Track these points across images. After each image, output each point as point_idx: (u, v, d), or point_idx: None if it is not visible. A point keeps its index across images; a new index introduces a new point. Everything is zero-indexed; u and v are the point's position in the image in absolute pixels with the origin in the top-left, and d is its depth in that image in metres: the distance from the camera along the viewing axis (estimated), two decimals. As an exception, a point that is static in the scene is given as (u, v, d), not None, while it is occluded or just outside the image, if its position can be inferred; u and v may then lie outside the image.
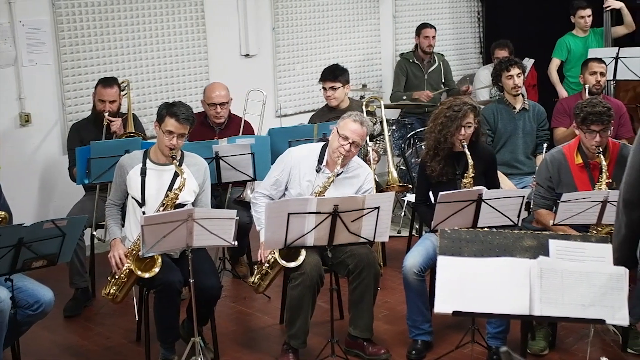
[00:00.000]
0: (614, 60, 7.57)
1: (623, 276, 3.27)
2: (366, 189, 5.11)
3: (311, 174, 5.06)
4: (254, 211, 5.16)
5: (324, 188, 4.91)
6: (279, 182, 5.11)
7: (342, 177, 5.03)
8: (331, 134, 5.06)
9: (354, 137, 4.93)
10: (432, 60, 8.30)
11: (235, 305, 5.94)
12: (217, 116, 6.28)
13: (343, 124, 4.98)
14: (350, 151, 4.95)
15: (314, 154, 5.11)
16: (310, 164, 5.08)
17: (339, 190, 4.99)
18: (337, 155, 4.93)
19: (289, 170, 5.09)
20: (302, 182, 5.05)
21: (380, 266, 5.09)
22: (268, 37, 8.01)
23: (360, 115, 5.07)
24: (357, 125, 4.95)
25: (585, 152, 5.00)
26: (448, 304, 3.31)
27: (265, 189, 5.16)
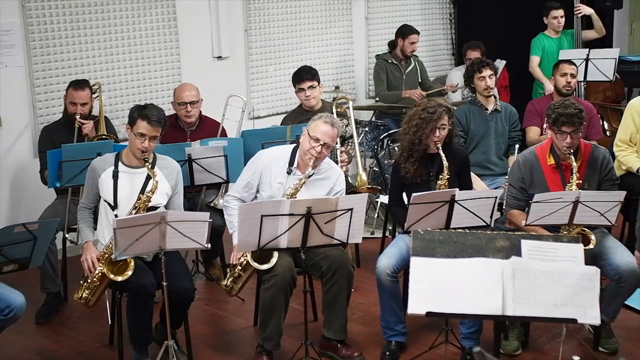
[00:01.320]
0: (585, 61, 7.64)
1: (594, 275, 3.30)
2: (337, 190, 5.11)
3: (282, 176, 5.06)
4: (226, 214, 5.15)
5: (296, 190, 4.91)
6: (250, 184, 5.10)
7: (313, 179, 5.03)
8: (302, 136, 5.06)
9: (325, 139, 4.93)
10: (409, 61, 8.33)
11: (208, 308, 5.92)
12: (187, 115, 6.26)
13: (314, 126, 4.98)
14: (321, 152, 4.95)
15: (284, 156, 5.11)
16: (281, 166, 5.08)
17: (311, 192, 4.99)
18: (309, 157, 4.92)
19: (260, 173, 5.08)
20: (274, 184, 5.05)
21: (354, 267, 5.09)
22: (240, 39, 8.00)
23: (331, 117, 5.07)
24: (328, 127, 4.95)
25: (557, 153, 5.03)
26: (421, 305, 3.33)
27: (236, 191, 5.15)
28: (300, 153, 5.05)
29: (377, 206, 7.38)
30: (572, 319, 3.30)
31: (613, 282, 4.80)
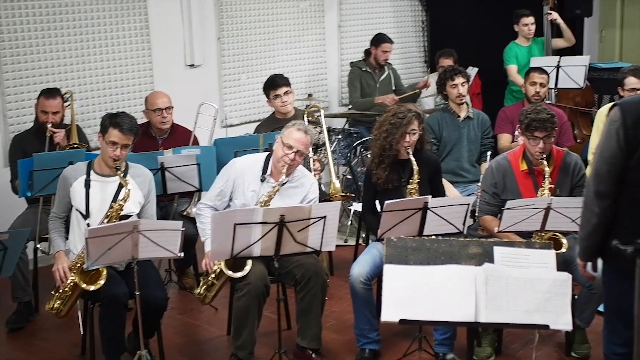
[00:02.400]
0: (556, 68, 7.69)
1: (566, 282, 3.31)
2: (311, 198, 5.11)
3: (255, 184, 5.05)
4: (199, 222, 5.13)
5: (269, 197, 4.90)
6: (223, 192, 5.08)
7: (287, 187, 5.02)
8: (275, 144, 5.05)
9: (299, 146, 4.93)
10: (383, 70, 8.36)
11: (182, 317, 5.90)
12: (163, 121, 6.24)
13: (287, 133, 4.98)
14: (294, 160, 4.94)
15: (258, 164, 5.10)
16: (254, 174, 5.06)
17: (284, 200, 4.98)
18: (282, 165, 4.92)
19: (233, 181, 5.07)
20: (247, 193, 5.04)
21: (327, 275, 5.09)
22: (213, 47, 7.98)
23: (304, 124, 5.08)
24: (302, 134, 4.95)
25: (529, 158, 5.06)
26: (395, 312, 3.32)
27: (209, 199, 5.13)
28: (273, 161, 5.05)
29: (351, 214, 7.39)
30: (545, 325, 3.31)
31: (584, 288, 4.83)
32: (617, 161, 3.51)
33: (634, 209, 3.52)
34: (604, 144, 3.58)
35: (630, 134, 3.46)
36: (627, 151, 3.48)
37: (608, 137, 3.56)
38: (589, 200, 3.64)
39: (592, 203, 3.60)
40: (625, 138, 3.48)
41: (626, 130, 3.48)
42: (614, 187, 3.54)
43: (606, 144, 3.57)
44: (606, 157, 3.55)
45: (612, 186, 3.54)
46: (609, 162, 3.54)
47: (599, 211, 3.58)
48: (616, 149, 3.51)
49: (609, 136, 3.56)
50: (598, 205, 3.58)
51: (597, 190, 3.58)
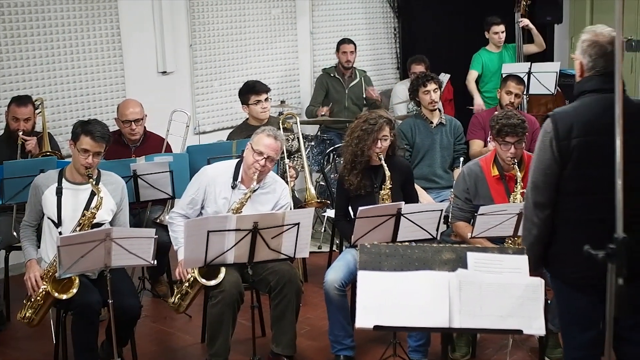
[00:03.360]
0: (527, 75, 7.74)
1: (539, 287, 3.33)
2: (283, 204, 5.11)
3: (227, 191, 5.04)
4: (171, 231, 5.11)
5: (241, 204, 4.89)
6: (194, 201, 5.07)
7: (258, 193, 5.03)
8: (245, 150, 5.06)
9: (269, 152, 4.93)
10: (354, 76, 8.37)
11: (155, 325, 5.87)
12: (132, 133, 6.21)
13: (257, 139, 4.98)
14: (265, 166, 4.95)
15: (229, 171, 5.10)
16: (225, 181, 5.06)
17: (256, 206, 4.99)
18: (253, 171, 4.92)
19: (204, 189, 5.06)
20: (218, 200, 5.03)
21: (302, 282, 5.09)
22: (185, 54, 7.96)
23: (274, 130, 5.08)
24: (272, 140, 4.96)
25: (501, 164, 5.10)
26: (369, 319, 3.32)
27: (181, 208, 5.11)
28: (244, 167, 5.04)
29: (324, 220, 7.39)
30: (518, 329, 3.32)
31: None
32: (552, 172, 3.55)
33: (570, 218, 3.56)
34: (539, 155, 3.61)
35: (563, 144, 3.50)
36: (561, 161, 3.52)
37: (542, 149, 3.59)
38: (528, 212, 3.67)
39: (532, 214, 3.64)
40: (559, 148, 3.52)
41: (559, 141, 3.52)
42: (552, 197, 3.57)
43: (541, 156, 3.60)
44: (542, 168, 3.58)
45: (550, 196, 3.57)
46: (544, 173, 3.57)
47: (538, 222, 3.62)
48: (551, 159, 3.54)
49: (543, 147, 3.59)
50: (537, 215, 3.61)
51: (535, 201, 3.61)
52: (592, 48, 3.60)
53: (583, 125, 3.52)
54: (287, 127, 6.69)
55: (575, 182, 3.51)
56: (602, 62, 3.58)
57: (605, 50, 3.57)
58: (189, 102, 7.96)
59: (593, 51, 3.60)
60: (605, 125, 3.42)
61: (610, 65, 3.54)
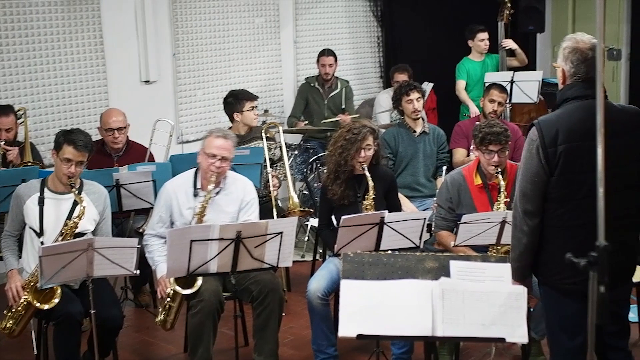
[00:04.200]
0: (510, 84, 7.77)
1: (522, 295, 3.34)
2: (247, 200, 5.15)
3: (190, 201, 5.05)
4: (147, 252, 5.09)
5: (203, 207, 4.91)
6: (162, 218, 5.09)
7: (222, 195, 5.07)
8: (199, 157, 5.08)
9: (222, 152, 4.95)
10: (334, 86, 8.36)
11: (138, 335, 5.84)
12: (115, 142, 6.19)
13: (207, 143, 5.01)
14: (221, 167, 4.97)
15: (188, 181, 5.12)
16: (186, 192, 5.08)
17: (222, 208, 5.03)
18: (210, 175, 4.93)
19: (169, 205, 5.07)
20: (184, 212, 5.04)
21: (285, 291, 5.09)
22: (168, 63, 7.94)
23: (222, 130, 5.13)
24: (222, 140, 4.99)
25: (484, 173, 5.11)
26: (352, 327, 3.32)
27: (152, 228, 5.13)
28: (201, 174, 5.06)
29: (307, 229, 7.39)
30: (501, 337, 3.33)
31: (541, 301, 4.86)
32: (540, 179, 3.57)
33: (558, 224, 3.57)
34: (526, 163, 3.63)
35: (550, 151, 3.52)
36: (548, 169, 3.54)
37: (529, 157, 3.61)
38: (517, 221, 3.67)
39: (522, 222, 3.64)
40: (545, 156, 3.54)
41: (545, 148, 3.54)
42: (541, 205, 3.58)
43: (528, 164, 3.62)
44: (529, 176, 3.60)
45: (539, 204, 3.59)
46: (533, 181, 3.59)
47: (528, 230, 3.62)
48: (538, 167, 3.56)
49: (530, 155, 3.61)
50: (527, 224, 3.62)
51: (525, 210, 3.62)
52: (574, 55, 3.64)
53: (568, 131, 3.54)
54: (270, 136, 6.68)
55: (562, 189, 3.52)
56: (584, 68, 3.61)
57: (586, 56, 3.60)
58: (172, 111, 7.94)
59: (574, 57, 3.63)
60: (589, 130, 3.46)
61: (591, 71, 3.58)
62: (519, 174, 3.72)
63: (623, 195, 3.63)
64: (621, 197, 3.62)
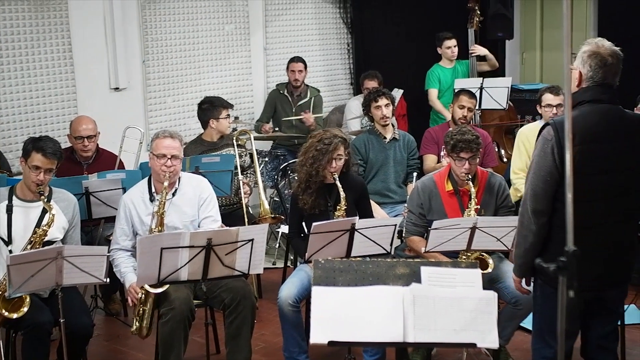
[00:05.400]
0: (479, 90, 7.82)
1: (492, 300, 3.35)
2: (205, 196, 5.16)
3: (148, 207, 5.05)
4: (114, 266, 5.05)
5: (162, 204, 4.90)
6: (125, 231, 5.07)
7: (178, 196, 5.09)
8: (149, 161, 5.11)
9: (171, 151, 4.97)
10: (304, 94, 8.36)
11: (108, 344, 5.81)
12: (84, 149, 6.15)
13: (155, 145, 5.04)
14: (172, 166, 4.97)
15: (143, 189, 5.13)
16: (143, 199, 5.08)
17: (181, 209, 5.05)
18: (163, 175, 4.93)
19: (128, 216, 5.07)
20: (144, 219, 5.03)
21: (256, 299, 5.07)
22: (138, 70, 7.91)
23: (167, 131, 5.15)
24: (169, 140, 5.02)
25: (455, 179, 5.13)
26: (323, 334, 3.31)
27: (116, 242, 5.11)
28: (154, 178, 5.08)
29: (279, 236, 7.38)
30: (472, 343, 3.33)
31: (510, 304, 4.90)
32: (553, 179, 3.61)
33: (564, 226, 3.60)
34: (539, 162, 3.67)
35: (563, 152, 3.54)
36: (562, 169, 3.56)
37: (543, 156, 3.64)
38: (525, 219, 3.72)
39: (530, 221, 3.69)
40: (560, 155, 3.57)
41: (560, 148, 3.57)
42: (550, 205, 3.63)
43: (541, 162, 3.65)
44: (542, 175, 3.64)
45: (549, 204, 3.63)
46: (544, 180, 3.63)
47: (536, 229, 3.68)
48: (552, 167, 3.60)
49: (543, 154, 3.64)
50: (536, 223, 3.68)
51: (534, 209, 3.67)
52: (593, 59, 3.68)
53: (583, 133, 3.59)
54: (240, 143, 6.67)
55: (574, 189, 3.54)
56: (602, 72, 3.67)
57: (605, 61, 3.66)
58: (142, 118, 7.90)
59: (594, 62, 3.67)
60: (604, 133, 3.56)
61: (608, 76, 3.67)
62: (529, 173, 3.75)
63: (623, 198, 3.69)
64: (621, 200, 3.69)
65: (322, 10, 9.68)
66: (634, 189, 3.76)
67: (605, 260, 3.75)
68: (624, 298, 4.09)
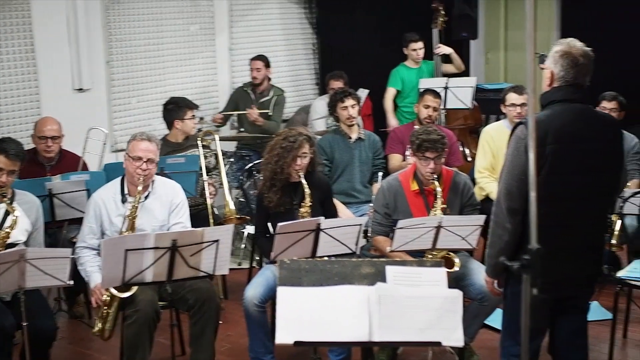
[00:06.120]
0: (444, 90, 7.85)
1: (457, 298, 3.36)
2: (177, 202, 5.14)
3: (119, 208, 5.02)
4: (79, 264, 5.01)
5: (134, 208, 4.88)
6: (92, 230, 5.03)
7: (151, 199, 5.06)
8: (124, 162, 5.06)
9: (147, 155, 4.95)
10: (266, 93, 8.33)
11: (72, 347, 5.76)
12: (47, 150, 6.11)
13: (131, 147, 5.00)
14: (147, 169, 4.95)
15: (115, 189, 5.10)
16: (114, 200, 5.05)
17: (152, 213, 5.02)
18: (137, 178, 4.91)
19: (98, 215, 5.03)
20: (114, 219, 5.00)
21: (221, 299, 5.05)
22: (102, 71, 7.84)
23: (145, 133, 5.12)
24: (146, 143, 4.99)
25: (420, 178, 5.14)
26: (289, 335, 3.31)
27: (82, 240, 5.07)
28: (128, 179, 5.05)
29: (244, 237, 7.36)
30: (437, 341, 3.34)
31: (476, 301, 4.93)
32: (527, 177, 3.61)
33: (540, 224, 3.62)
34: (513, 161, 3.69)
35: (539, 150, 3.56)
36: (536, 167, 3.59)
37: (517, 155, 3.67)
38: (500, 218, 3.74)
39: (505, 220, 3.71)
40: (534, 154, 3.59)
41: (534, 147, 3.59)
42: (524, 204, 3.63)
43: (515, 161, 3.67)
44: (516, 174, 3.66)
45: (523, 202, 3.63)
46: (519, 179, 3.64)
47: (511, 228, 3.70)
48: (525, 165, 3.60)
49: (517, 153, 3.67)
50: (510, 222, 3.69)
51: (509, 207, 3.69)
52: (565, 59, 3.71)
53: (557, 132, 3.62)
54: (205, 144, 6.65)
55: (548, 189, 3.55)
56: (573, 73, 3.71)
57: (577, 61, 3.70)
58: (105, 119, 7.84)
59: (565, 62, 3.71)
60: (578, 133, 3.60)
61: (579, 76, 3.72)
62: (503, 172, 3.77)
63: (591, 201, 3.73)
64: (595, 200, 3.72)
65: (288, 10, 9.67)
66: (606, 188, 3.81)
67: (580, 258, 3.79)
68: (592, 295, 4.14)
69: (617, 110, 6.37)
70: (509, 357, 3.94)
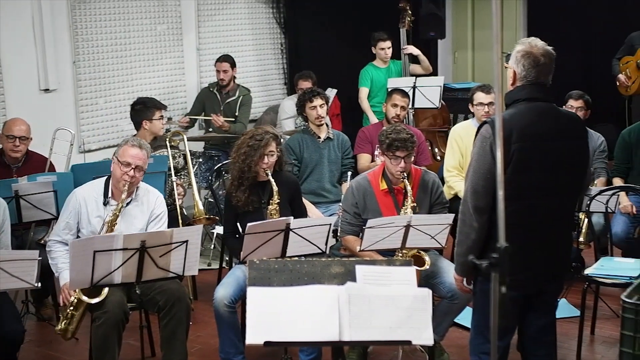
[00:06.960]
0: (412, 89, 7.88)
1: (427, 297, 3.38)
2: (157, 213, 5.09)
3: (99, 210, 4.98)
4: (50, 258, 4.97)
5: (115, 215, 4.84)
6: (69, 225, 4.98)
7: (132, 205, 5.01)
8: (112, 165, 5.00)
9: (136, 162, 4.90)
10: (232, 93, 8.30)
11: (40, 350, 5.71)
12: (14, 150, 6.06)
13: (122, 151, 4.94)
14: (134, 176, 4.90)
15: (98, 189, 5.04)
16: (96, 200, 5.00)
17: (131, 220, 4.97)
18: (123, 184, 4.86)
19: (77, 212, 4.98)
20: (92, 220, 4.96)
21: (191, 300, 5.03)
22: (68, 71, 7.79)
23: (138, 140, 5.07)
24: (137, 150, 4.93)
25: (389, 178, 5.15)
26: (259, 335, 3.30)
27: (57, 234, 5.01)
28: (113, 182, 5.00)
29: (213, 237, 7.34)
30: (407, 340, 3.35)
31: (446, 299, 4.95)
32: (492, 176, 3.64)
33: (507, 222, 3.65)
34: (479, 160, 3.71)
35: (504, 149, 3.58)
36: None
37: (482, 154, 3.69)
38: (467, 217, 3.76)
39: (471, 219, 3.73)
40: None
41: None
42: (490, 202, 3.66)
43: (481, 160, 3.69)
44: (482, 172, 3.68)
45: (489, 201, 3.66)
46: (484, 178, 3.66)
47: (478, 226, 3.71)
48: (491, 164, 3.64)
49: (483, 152, 3.69)
50: (477, 220, 3.71)
51: (475, 206, 3.70)
52: (526, 59, 3.74)
53: (521, 131, 3.65)
54: (173, 144, 6.62)
55: (513, 187, 3.57)
56: (534, 72, 3.74)
57: (538, 61, 3.73)
58: (73, 120, 7.79)
59: (527, 62, 3.74)
60: (542, 132, 3.62)
61: (541, 76, 3.74)
62: (469, 171, 3.78)
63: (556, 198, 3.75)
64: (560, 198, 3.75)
65: (255, 10, 9.67)
66: (572, 186, 3.84)
67: (547, 255, 3.82)
68: (560, 291, 4.17)
69: (584, 109, 6.43)
70: (479, 355, 3.96)
